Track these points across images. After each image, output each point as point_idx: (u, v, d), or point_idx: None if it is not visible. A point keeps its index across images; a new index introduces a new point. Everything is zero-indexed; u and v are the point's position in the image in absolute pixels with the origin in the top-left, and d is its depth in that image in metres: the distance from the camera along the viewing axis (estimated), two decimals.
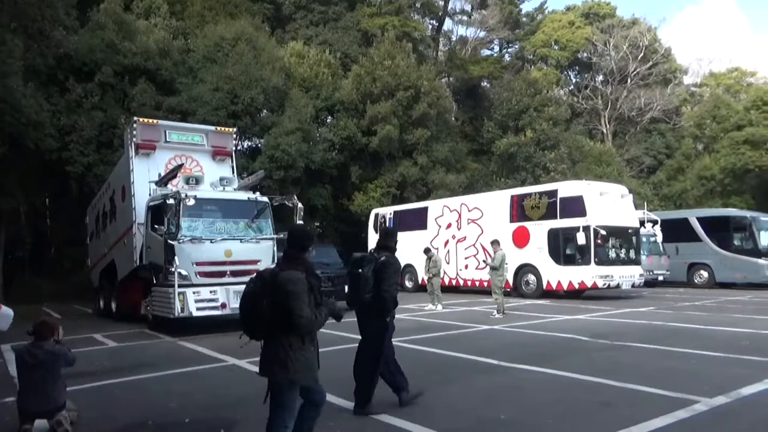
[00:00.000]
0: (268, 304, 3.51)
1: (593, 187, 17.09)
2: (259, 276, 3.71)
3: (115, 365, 7.97)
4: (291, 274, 3.54)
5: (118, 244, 13.67)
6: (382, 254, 5.54)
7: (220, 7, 27.42)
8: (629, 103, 38.56)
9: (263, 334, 3.63)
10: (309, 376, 3.66)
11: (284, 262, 3.70)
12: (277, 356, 3.54)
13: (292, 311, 3.43)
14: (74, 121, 19.76)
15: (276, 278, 3.54)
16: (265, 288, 3.57)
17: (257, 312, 3.55)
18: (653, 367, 7.13)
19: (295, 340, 3.55)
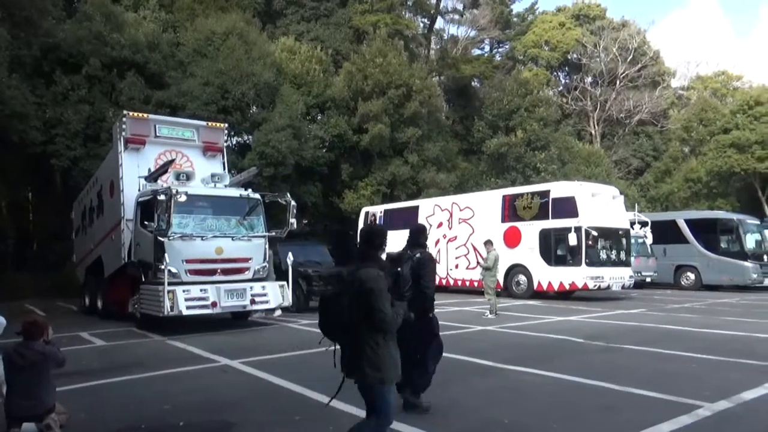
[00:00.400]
0: (350, 303, 3.48)
1: (585, 188, 17.12)
2: (336, 277, 3.69)
3: (105, 365, 7.78)
4: (370, 272, 3.53)
5: (106, 240, 13.40)
6: (416, 251, 5.49)
7: (210, 0, 27.04)
8: (618, 105, 38.81)
9: (345, 335, 3.57)
10: (396, 374, 3.63)
11: (360, 261, 3.67)
12: (365, 356, 3.50)
13: (374, 309, 3.42)
14: (60, 114, 19.37)
15: (355, 277, 3.51)
16: (345, 288, 3.54)
17: (338, 313, 3.52)
18: (651, 369, 7.10)
19: (380, 338, 3.52)
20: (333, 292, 3.60)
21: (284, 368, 7.30)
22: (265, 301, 11.32)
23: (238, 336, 10.59)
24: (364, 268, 3.56)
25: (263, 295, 11.27)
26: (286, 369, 7.25)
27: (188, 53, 23.09)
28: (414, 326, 5.26)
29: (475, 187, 27.24)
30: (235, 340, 10.09)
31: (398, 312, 3.63)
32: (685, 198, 34.80)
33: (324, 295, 3.67)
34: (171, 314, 10.09)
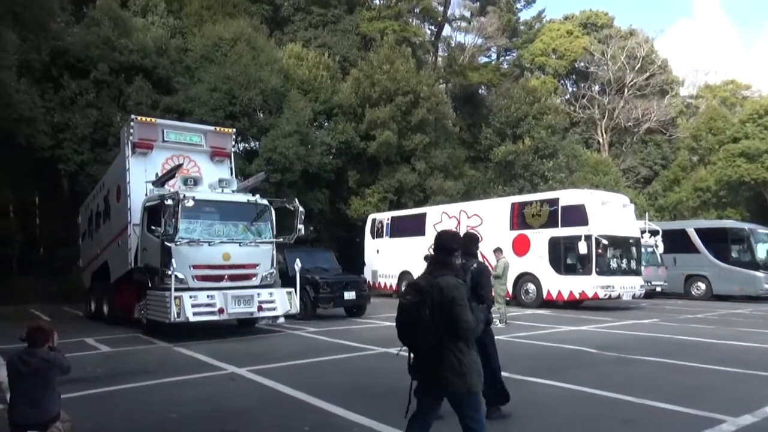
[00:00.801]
0: (431, 313, 3.38)
1: (595, 196, 16.93)
2: (414, 287, 3.56)
3: (110, 372, 7.65)
4: (449, 280, 3.48)
5: (112, 245, 13.31)
6: (471, 261, 5.38)
7: (218, 6, 27.10)
8: (626, 113, 38.62)
9: (428, 345, 3.45)
10: (481, 381, 3.57)
11: (435, 268, 3.59)
12: (449, 365, 3.42)
13: (458, 318, 3.38)
14: (68, 119, 19.38)
15: (435, 286, 3.43)
16: (424, 297, 3.43)
17: (419, 322, 3.41)
18: (668, 382, 6.91)
19: (462, 346, 3.47)
20: (412, 302, 3.46)
21: (292, 376, 7.14)
22: (273, 308, 11.19)
23: (245, 343, 10.45)
24: (442, 276, 3.49)
25: (271, 302, 11.14)
26: (294, 377, 7.09)
27: (196, 59, 23.11)
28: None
29: (483, 194, 27.08)
30: (241, 347, 9.95)
31: (479, 318, 3.62)
32: (694, 207, 34.53)
33: (403, 304, 3.53)
34: (177, 320, 9.97)
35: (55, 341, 4.80)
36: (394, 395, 6.37)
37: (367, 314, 14.84)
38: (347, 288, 14.34)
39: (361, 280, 15.69)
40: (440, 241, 3.75)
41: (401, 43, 28.49)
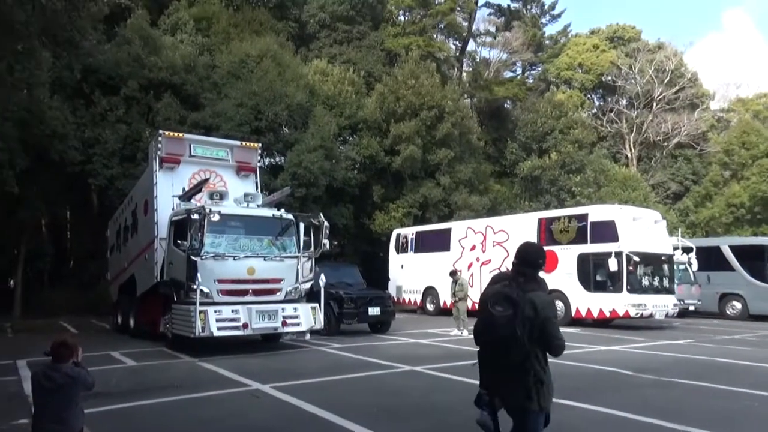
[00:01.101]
0: (523, 329, 3.30)
1: (626, 211, 16.52)
2: (506, 298, 3.42)
3: (134, 386, 7.59)
4: (544, 297, 3.43)
5: (139, 259, 13.40)
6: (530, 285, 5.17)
7: (245, 24, 27.52)
8: (655, 127, 37.90)
9: (518, 361, 3.36)
10: (551, 401, 3.52)
11: (525, 282, 3.45)
12: (532, 382, 3.35)
13: (552, 337, 3.34)
14: (98, 134, 19.73)
15: (528, 301, 3.32)
16: (517, 311, 3.33)
17: (516, 338, 3.30)
18: (710, 407, 6.57)
19: (546, 364, 3.42)
20: (505, 315, 3.36)
21: (317, 394, 6.98)
22: (297, 323, 11.08)
23: (269, 359, 10.34)
24: (533, 292, 3.38)
25: (295, 317, 11.04)
26: (319, 395, 6.93)
27: (223, 75, 23.41)
28: None
29: (508, 210, 26.78)
30: (266, 362, 9.84)
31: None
32: (727, 224, 33.59)
33: (496, 317, 3.41)
34: (202, 335, 9.92)
35: (80, 356, 4.73)
36: (421, 415, 6.21)
37: (391, 330, 14.62)
38: (372, 303, 14.17)
39: (386, 296, 15.49)
40: (526, 254, 3.63)
41: (426, 59, 28.52)
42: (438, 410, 6.47)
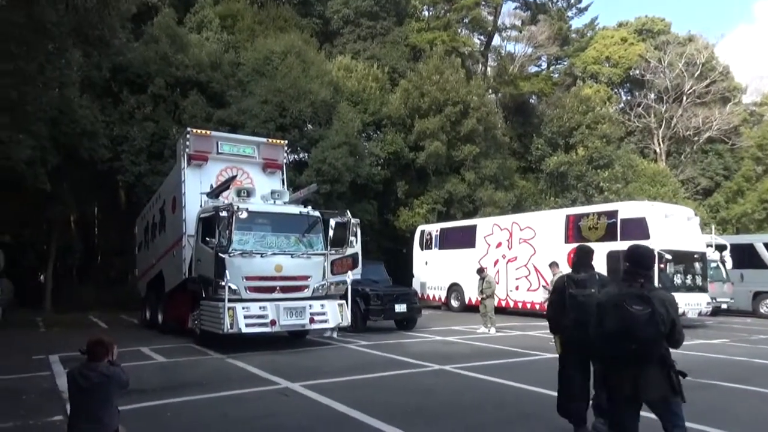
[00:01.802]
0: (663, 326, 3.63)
1: (657, 208, 16.16)
2: (642, 298, 3.69)
3: (165, 383, 7.63)
4: (668, 295, 3.79)
5: (167, 256, 13.51)
6: (590, 271, 5.40)
7: (269, 21, 27.61)
8: (684, 121, 37.04)
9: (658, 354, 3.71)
10: None
11: (646, 283, 3.78)
12: (667, 374, 3.70)
13: (678, 332, 3.71)
14: (126, 132, 19.98)
15: (659, 299, 3.66)
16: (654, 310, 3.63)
17: (661, 334, 3.65)
18: (755, 412, 6.34)
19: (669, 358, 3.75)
20: (646, 313, 3.62)
21: (346, 393, 6.93)
22: (324, 320, 11.06)
23: (297, 356, 10.34)
24: (659, 290, 3.79)
25: (322, 314, 11.02)
26: (349, 394, 6.88)
27: (248, 72, 23.52)
28: None
29: (534, 206, 26.44)
30: (293, 360, 9.83)
31: None
32: (759, 220, 32.73)
33: (637, 315, 3.64)
34: (230, 331, 9.95)
35: (115, 355, 4.74)
36: (453, 415, 6.11)
37: (417, 327, 14.54)
38: (398, 300, 14.09)
39: (412, 293, 15.41)
40: (641, 257, 3.93)
41: (450, 54, 28.28)
42: (470, 410, 6.36)
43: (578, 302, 5.07)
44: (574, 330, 5.07)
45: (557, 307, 5.33)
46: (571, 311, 5.10)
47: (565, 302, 5.17)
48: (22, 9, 11.46)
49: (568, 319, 5.15)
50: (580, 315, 4.97)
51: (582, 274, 5.26)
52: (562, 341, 5.27)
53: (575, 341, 5.10)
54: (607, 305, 3.76)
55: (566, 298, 5.16)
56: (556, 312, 5.35)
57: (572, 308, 5.11)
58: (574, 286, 5.15)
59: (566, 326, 5.19)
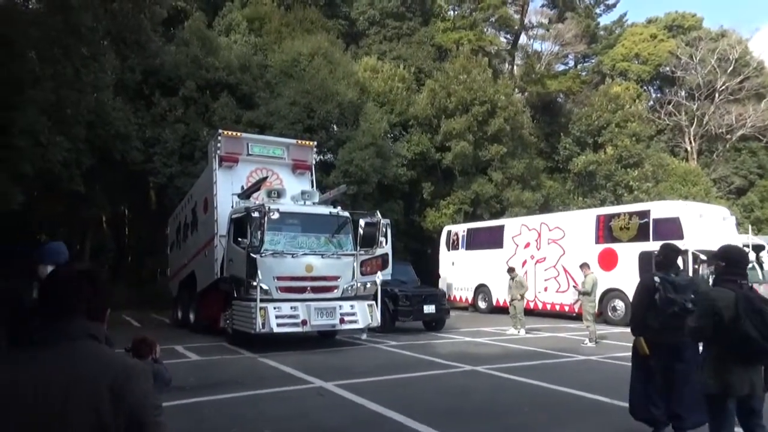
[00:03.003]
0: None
1: (691, 208, 15.85)
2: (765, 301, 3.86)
3: (201, 381, 7.75)
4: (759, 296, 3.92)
5: (199, 256, 13.72)
6: (682, 273, 5.40)
7: (296, 23, 27.82)
8: (717, 119, 36.19)
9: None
10: None
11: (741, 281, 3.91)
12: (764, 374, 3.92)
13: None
14: (158, 134, 20.36)
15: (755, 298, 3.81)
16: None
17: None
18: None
19: None
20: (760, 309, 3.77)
21: (381, 393, 6.96)
22: (354, 321, 11.11)
23: (329, 355, 10.41)
24: (750, 290, 3.88)
25: (352, 314, 11.07)
26: (384, 394, 6.90)
27: (276, 74, 23.75)
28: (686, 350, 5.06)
29: (561, 206, 26.15)
30: (325, 359, 9.90)
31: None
32: None
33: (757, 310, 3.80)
34: (262, 331, 10.07)
35: (158, 353, 4.85)
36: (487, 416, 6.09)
37: (446, 328, 14.51)
38: (426, 301, 14.08)
39: (440, 293, 15.37)
40: (741, 257, 4.07)
41: (477, 53, 28.12)
42: (506, 411, 6.33)
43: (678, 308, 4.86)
44: (664, 334, 4.93)
45: (645, 308, 5.07)
46: (667, 316, 4.88)
47: (654, 303, 4.93)
48: (59, 15, 11.78)
49: (657, 321, 4.96)
50: (674, 320, 4.81)
51: (680, 278, 5.07)
52: (648, 344, 5.05)
53: (665, 345, 4.97)
54: (747, 310, 3.76)
55: (658, 300, 4.92)
56: (644, 313, 5.11)
57: (668, 314, 4.87)
58: (673, 290, 4.89)
59: (652, 328, 5.00)
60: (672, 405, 5.04)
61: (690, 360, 4.97)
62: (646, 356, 5.05)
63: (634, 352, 5.24)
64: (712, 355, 3.92)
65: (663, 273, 5.08)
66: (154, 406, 1.68)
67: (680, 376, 5.00)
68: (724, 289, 3.84)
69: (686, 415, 4.99)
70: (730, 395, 3.85)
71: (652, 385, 5.09)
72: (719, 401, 3.92)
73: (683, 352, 4.98)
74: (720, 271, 3.96)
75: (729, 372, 3.81)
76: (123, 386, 1.59)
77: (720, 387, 3.84)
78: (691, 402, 4.97)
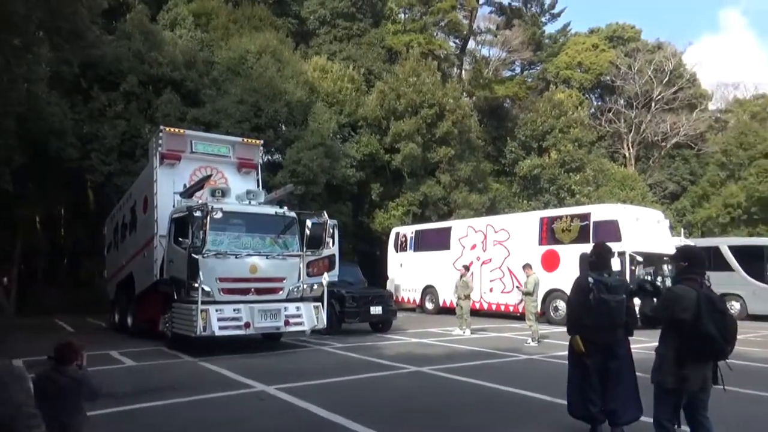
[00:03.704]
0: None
1: (629, 211, 16.46)
2: (722, 301, 4.07)
3: (137, 387, 7.42)
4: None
5: (138, 257, 13.20)
6: (613, 274, 5.45)
7: (244, 20, 27.30)
8: (653, 127, 37.90)
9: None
10: None
11: (701, 280, 4.05)
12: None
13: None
14: (97, 130, 19.47)
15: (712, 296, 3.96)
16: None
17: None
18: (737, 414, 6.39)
19: None
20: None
21: (324, 396, 6.84)
22: (300, 323, 10.93)
23: (271, 359, 10.20)
24: (710, 289, 4.04)
25: (298, 316, 10.89)
26: (327, 397, 6.79)
27: (222, 71, 23.20)
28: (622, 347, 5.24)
29: (507, 209, 26.72)
30: (268, 362, 9.69)
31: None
32: (723, 224, 33.60)
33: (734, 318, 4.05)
34: (203, 334, 9.76)
35: (84, 360, 4.56)
36: (434, 418, 6.07)
37: (393, 329, 14.51)
38: (373, 303, 14.04)
39: (387, 295, 15.36)
40: (701, 257, 4.25)
41: (426, 57, 28.37)
42: (450, 412, 6.33)
43: (610, 308, 5.00)
44: (598, 333, 5.05)
45: (581, 308, 5.18)
46: (600, 316, 5.01)
47: (589, 303, 5.04)
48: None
49: (591, 320, 5.07)
50: (607, 320, 5.00)
51: (612, 278, 5.20)
52: (583, 342, 5.15)
53: (599, 344, 5.09)
54: (709, 310, 3.88)
55: (592, 300, 5.02)
56: (580, 312, 5.22)
57: (602, 313, 5.01)
58: (606, 290, 5.02)
59: (587, 327, 5.11)
60: (608, 402, 5.17)
61: (623, 357, 5.13)
62: (583, 355, 5.15)
63: (571, 351, 5.35)
64: (671, 352, 4.01)
65: (597, 274, 5.20)
66: (28, 416, 1.55)
67: (615, 374, 5.14)
68: (687, 288, 3.96)
69: (622, 411, 5.12)
70: (686, 390, 3.99)
71: (588, 383, 5.19)
72: (674, 395, 4.04)
73: (617, 350, 5.13)
74: (681, 270, 4.11)
75: (686, 368, 3.94)
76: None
77: (677, 382, 3.96)
78: (626, 398, 5.12)
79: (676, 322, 3.97)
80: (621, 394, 5.13)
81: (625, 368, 5.18)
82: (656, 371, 4.11)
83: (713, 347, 3.88)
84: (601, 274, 5.20)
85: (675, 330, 4.02)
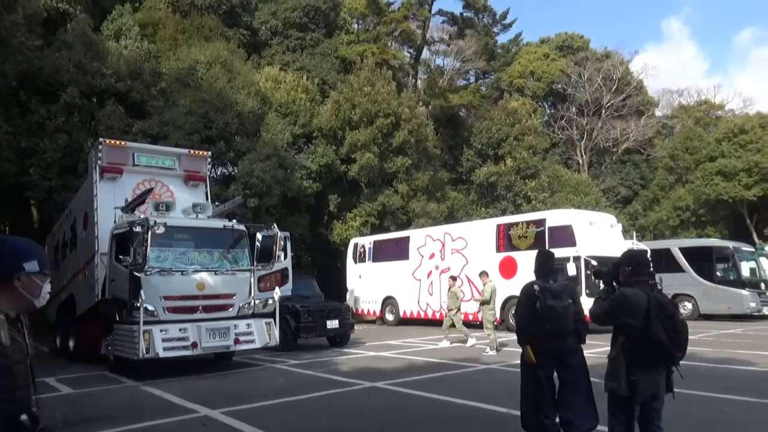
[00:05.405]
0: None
1: (583, 216, 16.62)
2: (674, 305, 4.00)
3: (70, 418, 6.86)
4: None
5: (78, 276, 12.47)
6: (559, 279, 5.29)
7: (193, 30, 26.67)
8: (604, 133, 38.94)
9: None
10: None
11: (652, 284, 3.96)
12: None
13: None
14: (36, 144, 18.51)
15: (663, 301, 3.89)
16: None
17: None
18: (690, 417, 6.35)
19: None
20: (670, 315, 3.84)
21: (272, 419, 6.48)
22: (251, 341, 10.47)
23: (220, 380, 9.72)
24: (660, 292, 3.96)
25: (248, 334, 10.44)
26: (274, 420, 6.44)
27: (171, 82, 22.50)
28: (573, 356, 5.05)
29: (465, 217, 26.79)
30: (216, 384, 9.22)
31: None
32: (674, 226, 34.67)
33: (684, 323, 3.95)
34: (147, 356, 9.21)
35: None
36: None
37: (351, 343, 14.19)
38: (330, 316, 13.68)
39: (344, 308, 15.02)
40: (643, 258, 4.17)
41: (381, 66, 28.30)
42: (398, 430, 6.06)
43: (557, 314, 4.87)
44: (547, 341, 4.91)
45: (528, 316, 5.03)
46: (547, 323, 4.88)
47: (536, 311, 4.90)
48: None
49: (538, 328, 4.93)
50: (554, 326, 4.85)
51: (556, 284, 5.08)
52: (534, 352, 4.99)
53: (549, 353, 4.94)
54: (659, 314, 3.77)
55: (538, 308, 4.89)
56: (527, 321, 5.06)
57: (548, 320, 4.87)
58: (551, 296, 4.90)
59: (537, 336, 4.97)
60: (563, 412, 5.00)
61: (577, 366, 4.97)
62: (534, 365, 4.98)
63: (523, 363, 5.18)
64: (621, 358, 3.88)
65: (541, 281, 5.07)
66: None
67: (568, 383, 4.98)
68: (638, 291, 3.84)
69: (579, 420, 4.95)
70: (637, 397, 3.86)
71: (541, 395, 5.02)
72: (626, 403, 3.90)
73: (568, 359, 4.98)
74: (627, 274, 3.98)
75: (637, 374, 3.83)
76: None
77: (628, 389, 3.82)
78: (581, 408, 4.95)
79: (625, 326, 3.83)
80: (576, 403, 4.96)
81: (580, 377, 5.02)
82: (609, 377, 3.98)
83: (662, 353, 3.77)
84: (546, 280, 5.08)
85: (623, 334, 3.89)
